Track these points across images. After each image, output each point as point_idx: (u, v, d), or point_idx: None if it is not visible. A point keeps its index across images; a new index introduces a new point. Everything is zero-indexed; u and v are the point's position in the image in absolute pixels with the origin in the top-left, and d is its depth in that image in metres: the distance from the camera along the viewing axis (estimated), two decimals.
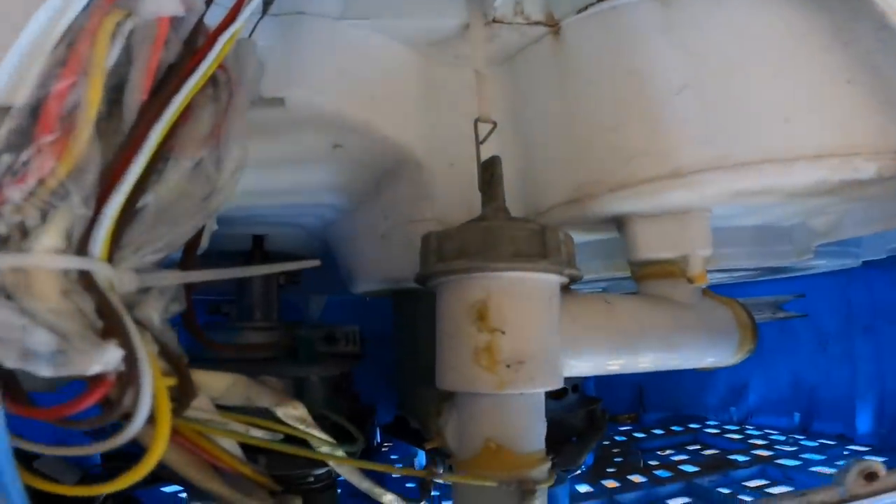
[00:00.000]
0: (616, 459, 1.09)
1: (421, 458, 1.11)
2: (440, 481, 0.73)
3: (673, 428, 1.28)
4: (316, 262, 0.48)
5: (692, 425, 1.29)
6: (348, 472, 0.52)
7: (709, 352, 0.58)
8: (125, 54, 0.33)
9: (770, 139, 0.48)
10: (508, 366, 0.45)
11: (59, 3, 0.31)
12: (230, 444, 0.38)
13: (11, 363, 0.25)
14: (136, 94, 0.33)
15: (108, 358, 0.26)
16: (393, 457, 1.18)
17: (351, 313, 0.96)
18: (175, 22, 0.36)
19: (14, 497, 0.27)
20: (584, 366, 0.52)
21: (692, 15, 0.51)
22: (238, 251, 0.86)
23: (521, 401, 0.47)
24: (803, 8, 0.49)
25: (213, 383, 0.37)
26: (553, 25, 0.58)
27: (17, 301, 0.26)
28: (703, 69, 0.50)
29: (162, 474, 0.63)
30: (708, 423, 1.31)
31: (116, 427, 0.30)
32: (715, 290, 0.76)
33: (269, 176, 0.64)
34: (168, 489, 0.93)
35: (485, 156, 0.55)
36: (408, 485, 1.02)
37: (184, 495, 0.86)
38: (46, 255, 0.27)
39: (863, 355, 1.00)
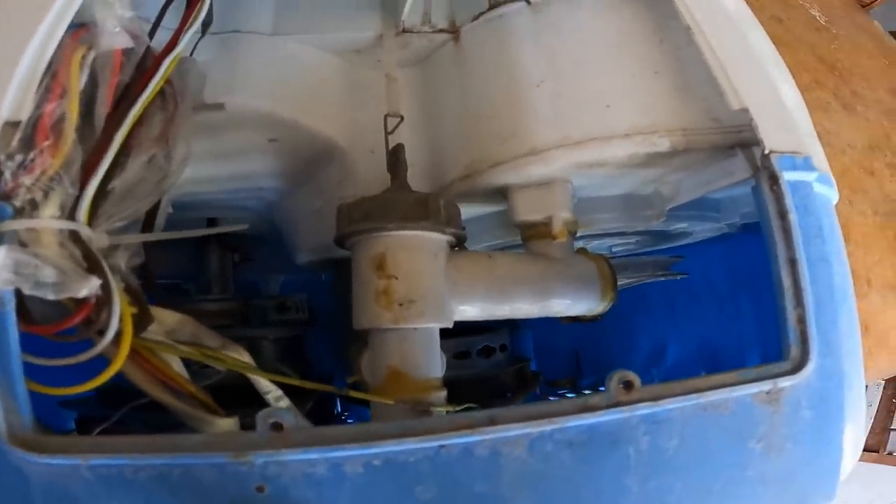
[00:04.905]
0: None
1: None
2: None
3: (600, 388, 1.35)
4: (244, 226, 0.59)
5: None
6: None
7: (576, 299, 0.64)
8: (91, 78, 0.44)
9: (596, 122, 0.57)
10: (401, 304, 0.54)
11: (42, 43, 0.42)
12: (179, 368, 0.48)
13: (27, 290, 0.36)
14: (103, 107, 0.44)
15: (92, 284, 0.38)
16: (350, 420, 1.26)
17: (308, 291, 1.02)
18: (126, 51, 0.46)
19: (20, 397, 0.39)
20: (471, 309, 0.60)
21: (553, 20, 0.60)
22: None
23: (415, 335, 0.56)
24: (634, 10, 0.58)
25: (165, 318, 0.48)
26: (454, 32, 0.67)
27: (30, 249, 0.37)
28: (556, 65, 0.59)
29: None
30: None
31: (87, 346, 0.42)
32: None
33: (215, 166, 0.71)
34: None
35: (394, 143, 0.63)
36: None
37: None
38: (48, 220, 0.39)
39: (748, 314, 1.06)
